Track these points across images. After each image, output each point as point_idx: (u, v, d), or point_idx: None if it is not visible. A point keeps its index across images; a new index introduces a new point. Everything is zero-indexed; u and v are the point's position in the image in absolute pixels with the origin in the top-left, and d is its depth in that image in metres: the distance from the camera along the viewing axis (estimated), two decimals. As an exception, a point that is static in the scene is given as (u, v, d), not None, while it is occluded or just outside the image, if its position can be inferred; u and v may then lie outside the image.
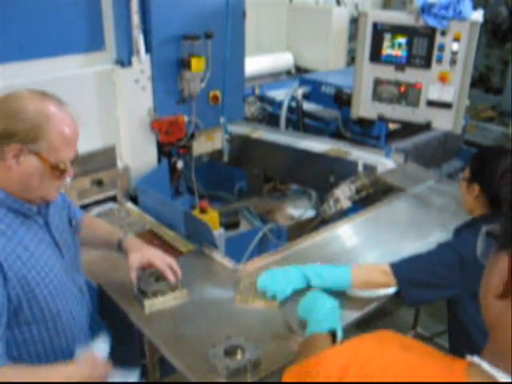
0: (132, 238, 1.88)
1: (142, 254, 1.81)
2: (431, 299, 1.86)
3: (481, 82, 6.00)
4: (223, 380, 1.50)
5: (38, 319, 1.43)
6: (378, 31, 2.96)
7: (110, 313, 1.99)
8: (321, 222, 2.87)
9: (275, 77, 4.89)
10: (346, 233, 2.38)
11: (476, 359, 0.80)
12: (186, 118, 2.84)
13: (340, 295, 1.86)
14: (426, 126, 3.09)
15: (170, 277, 1.79)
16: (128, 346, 2.05)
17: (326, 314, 1.53)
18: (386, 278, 1.81)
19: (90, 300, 1.73)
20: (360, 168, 2.93)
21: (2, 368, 1.29)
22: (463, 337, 1.84)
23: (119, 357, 1.59)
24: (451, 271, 1.75)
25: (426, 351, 0.89)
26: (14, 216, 1.40)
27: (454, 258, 1.76)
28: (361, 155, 3.08)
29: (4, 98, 1.39)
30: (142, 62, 2.63)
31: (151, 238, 2.32)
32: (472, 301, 1.70)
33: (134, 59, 2.61)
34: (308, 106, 3.98)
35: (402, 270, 1.81)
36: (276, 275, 1.86)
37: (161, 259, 1.83)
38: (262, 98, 4.15)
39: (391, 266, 1.82)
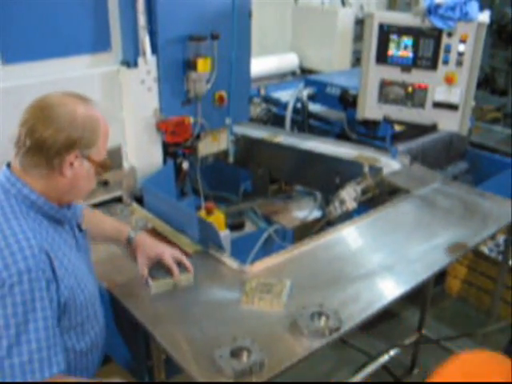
0: (142, 235, 1.93)
1: (151, 250, 1.88)
2: None
3: (486, 83, 5.97)
4: (229, 381, 1.50)
5: (76, 326, 1.46)
6: (384, 32, 2.95)
7: (114, 313, 1.99)
8: (326, 223, 2.87)
9: (280, 78, 4.89)
10: (351, 234, 2.38)
11: None
12: (191, 119, 2.83)
13: (343, 298, 1.86)
14: (432, 128, 3.08)
15: (176, 274, 1.86)
16: (133, 347, 2.05)
17: None
18: None
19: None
20: (365, 169, 2.92)
21: (58, 376, 1.33)
22: None
23: (125, 357, 1.60)
24: None
25: None
26: (48, 223, 1.41)
27: None
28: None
29: (44, 104, 1.38)
30: (148, 62, 2.63)
31: (156, 237, 2.31)
32: None
33: (140, 60, 2.61)
34: (313, 107, 3.97)
35: None
36: None
37: (170, 255, 1.89)
38: (267, 99, 4.15)
39: None
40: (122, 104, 2.68)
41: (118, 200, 2.58)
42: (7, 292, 1.25)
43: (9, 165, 1.42)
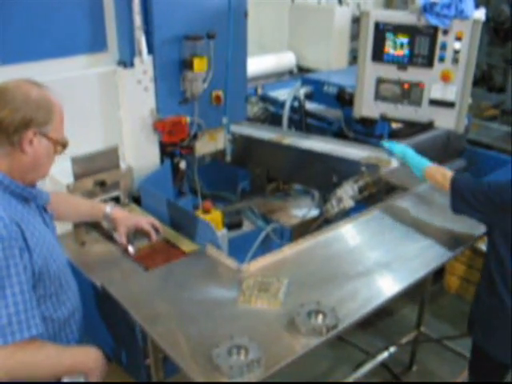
0: (117, 208, 2.15)
1: (129, 220, 2.13)
2: (466, 215, 2.22)
3: (483, 80, 5.97)
4: (227, 380, 1.50)
5: (51, 295, 1.55)
6: (380, 30, 2.95)
7: (111, 313, 2.00)
8: (324, 221, 2.87)
9: (277, 77, 4.88)
10: (349, 232, 2.38)
11: None
12: (188, 119, 2.84)
13: (341, 296, 1.87)
14: (429, 125, 3.08)
15: (153, 236, 2.16)
16: (131, 346, 2.05)
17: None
18: (444, 181, 2.28)
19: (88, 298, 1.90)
20: (363, 167, 2.92)
21: (37, 341, 1.44)
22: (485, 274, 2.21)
23: (122, 357, 1.61)
24: (492, 204, 2.07)
25: None
26: (16, 201, 1.49)
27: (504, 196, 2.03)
28: (363, 154, 3.07)
29: (1, 89, 1.47)
30: (145, 62, 2.63)
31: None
32: (502, 240, 2.09)
33: (137, 60, 2.62)
34: (310, 106, 3.97)
35: (459, 182, 2.22)
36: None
37: (145, 222, 2.17)
38: (264, 98, 4.15)
39: (454, 175, 2.27)
40: (119, 104, 2.69)
41: (116, 200, 2.58)
42: None
43: None
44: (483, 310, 2.28)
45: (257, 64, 4.32)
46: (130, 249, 2.15)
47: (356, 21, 4.99)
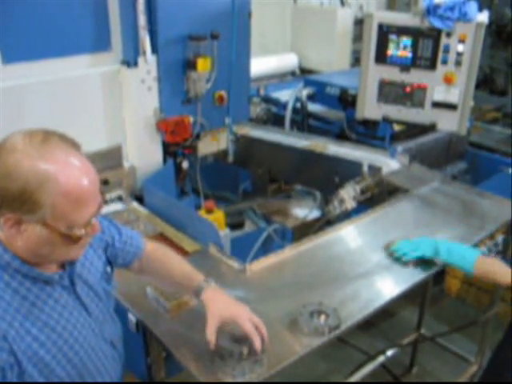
0: (214, 288, 1.60)
1: (226, 309, 1.54)
2: None
3: (485, 83, 5.97)
4: (230, 380, 1.51)
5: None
6: (384, 32, 2.97)
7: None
8: (326, 222, 2.88)
9: (280, 78, 4.89)
10: (350, 234, 2.38)
11: None
12: (191, 119, 2.85)
13: (342, 297, 1.87)
14: (431, 128, 3.09)
15: (257, 343, 1.51)
16: (132, 345, 2.06)
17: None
18: (508, 277, 1.84)
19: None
20: (365, 169, 2.92)
21: None
22: None
23: (123, 355, 1.60)
24: None
25: None
26: (30, 283, 1.16)
27: None
28: (365, 156, 3.08)
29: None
30: (148, 62, 2.64)
31: (158, 237, 2.33)
32: None
33: (140, 60, 2.62)
34: (313, 107, 3.98)
35: None
36: (410, 241, 2.10)
37: (247, 319, 1.53)
38: (267, 99, 4.16)
39: None
40: (122, 103, 2.69)
41: (118, 199, 2.59)
42: None
43: None
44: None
45: (259, 65, 4.33)
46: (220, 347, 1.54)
47: (358, 22, 5.00)
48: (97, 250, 1.42)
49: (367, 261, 2.14)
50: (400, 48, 2.95)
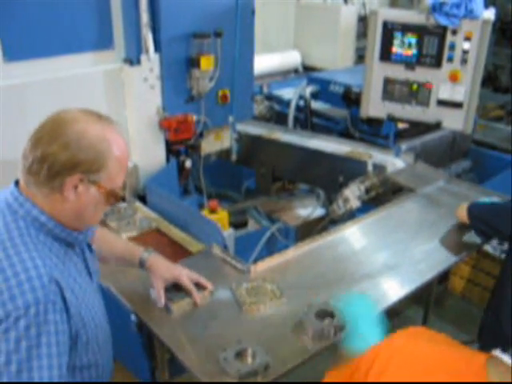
0: (155, 256, 1.80)
1: (167, 271, 1.79)
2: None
3: (489, 80, 5.95)
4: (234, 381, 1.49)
5: (82, 367, 1.36)
6: (388, 30, 2.94)
7: (115, 313, 1.98)
8: (330, 221, 2.86)
9: (283, 75, 4.87)
10: (355, 234, 2.36)
11: (498, 352, 0.95)
12: (194, 117, 2.82)
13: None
14: (436, 126, 3.06)
15: (195, 295, 1.81)
16: (136, 347, 2.04)
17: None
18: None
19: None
20: (369, 167, 2.91)
21: None
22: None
23: (127, 357, 1.59)
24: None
25: (451, 345, 1.10)
26: (59, 245, 1.30)
27: None
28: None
29: (56, 118, 1.26)
30: (151, 60, 2.62)
31: (159, 237, 2.31)
32: None
33: (143, 58, 2.60)
34: (316, 105, 3.96)
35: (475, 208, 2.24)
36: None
37: (187, 276, 1.82)
38: (270, 97, 4.14)
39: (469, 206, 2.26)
40: (125, 102, 2.67)
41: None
42: (12, 325, 1.14)
43: (17, 182, 1.28)
44: (493, 318, 2.25)
45: (263, 62, 4.31)
46: (171, 306, 1.78)
47: (362, 20, 4.98)
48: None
49: (373, 261, 2.13)
50: (405, 45, 2.93)
